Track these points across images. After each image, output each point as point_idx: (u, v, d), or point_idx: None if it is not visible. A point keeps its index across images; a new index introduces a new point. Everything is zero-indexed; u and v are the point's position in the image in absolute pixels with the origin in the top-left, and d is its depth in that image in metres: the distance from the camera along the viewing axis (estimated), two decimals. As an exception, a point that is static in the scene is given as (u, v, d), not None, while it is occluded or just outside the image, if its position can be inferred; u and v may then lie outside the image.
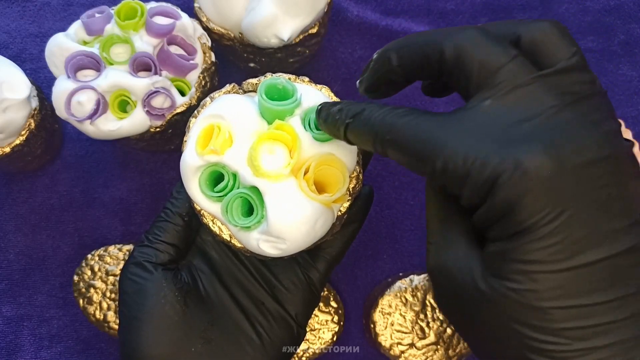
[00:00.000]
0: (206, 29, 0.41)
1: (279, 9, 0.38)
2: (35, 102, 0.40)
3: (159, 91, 0.37)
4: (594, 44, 0.50)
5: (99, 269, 0.42)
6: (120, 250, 0.43)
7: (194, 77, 0.39)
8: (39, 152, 0.43)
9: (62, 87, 0.36)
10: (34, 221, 0.46)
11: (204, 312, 0.31)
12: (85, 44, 0.38)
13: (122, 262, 0.43)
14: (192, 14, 0.41)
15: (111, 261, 0.43)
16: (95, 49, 0.37)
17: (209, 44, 0.40)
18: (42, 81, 0.48)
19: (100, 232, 0.46)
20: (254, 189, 0.27)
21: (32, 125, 0.40)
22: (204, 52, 0.40)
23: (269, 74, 0.30)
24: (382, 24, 0.50)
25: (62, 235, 0.45)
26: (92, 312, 0.42)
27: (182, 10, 0.39)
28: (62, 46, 0.36)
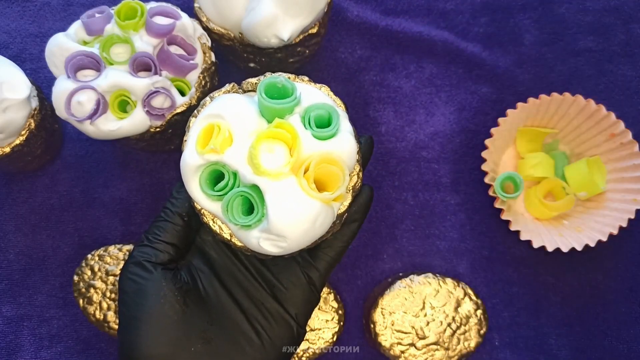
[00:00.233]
0: (206, 29, 0.41)
1: (279, 9, 0.38)
2: (35, 102, 0.40)
3: (159, 91, 0.37)
4: (594, 44, 0.50)
5: (99, 269, 0.42)
6: (120, 250, 0.43)
7: (194, 77, 0.39)
8: (39, 152, 0.43)
9: (62, 87, 0.36)
10: (34, 221, 0.46)
11: (204, 312, 0.31)
12: (85, 44, 0.38)
13: (122, 262, 0.43)
14: (192, 14, 0.41)
15: (111, 261, 0.43)
16: (95, 49, 0.37)
17: (209, 44, 0.40)
18: (42, 81, 0.48)
19: (100, 232, 0.46)
20: (254, 188, 0.27)
21: (32, 125, 0.40)
22: (204, 52, 0.40)
23: (268, 73, 0.30)
24: (382, 24, 0.50)
25: (62, 235, 0.45)
26: (92, 312, 0.42)
27: (182, 10, 0.39)
28: (62, 46, 0.36)
